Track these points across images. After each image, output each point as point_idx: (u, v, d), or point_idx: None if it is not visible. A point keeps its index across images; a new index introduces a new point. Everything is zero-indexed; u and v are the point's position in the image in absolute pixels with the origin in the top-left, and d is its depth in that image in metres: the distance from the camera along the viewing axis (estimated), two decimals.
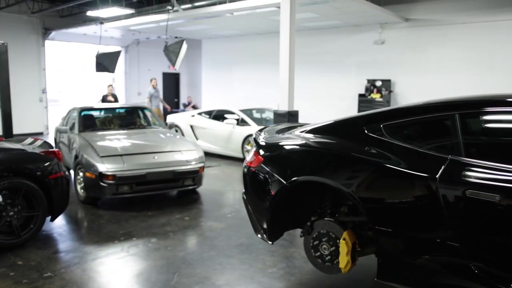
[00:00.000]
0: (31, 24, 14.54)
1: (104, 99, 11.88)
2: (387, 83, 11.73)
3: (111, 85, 12.40)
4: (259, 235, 3.56)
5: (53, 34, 14.93)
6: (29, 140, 5.56)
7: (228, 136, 9.46)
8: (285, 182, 3.25)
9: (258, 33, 14.19)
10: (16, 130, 10.31)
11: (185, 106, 15.82)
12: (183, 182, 6.06)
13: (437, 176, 2.57)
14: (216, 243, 4.61)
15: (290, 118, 7.62)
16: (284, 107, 7.75)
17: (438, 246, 2.61)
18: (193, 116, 10.51)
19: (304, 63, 12.51)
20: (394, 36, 11.65)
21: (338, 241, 3.15)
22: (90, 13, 12.43)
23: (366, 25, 11.94)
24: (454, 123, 2.71)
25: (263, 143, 3.65)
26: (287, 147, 3.46)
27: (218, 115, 10.06)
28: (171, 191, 6.48)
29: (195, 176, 6.15)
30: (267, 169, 3.45)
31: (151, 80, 12.49)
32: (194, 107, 15.54)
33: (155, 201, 6.23)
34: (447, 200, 2.54)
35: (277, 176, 3.33)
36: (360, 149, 2.96)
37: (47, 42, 15.15)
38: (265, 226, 3.47)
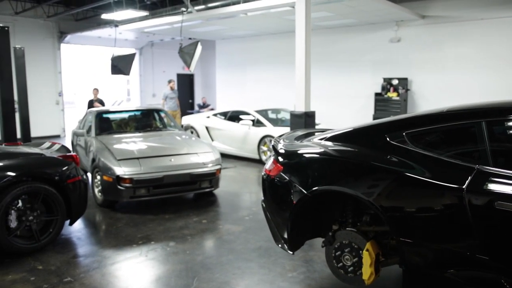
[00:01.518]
0: (46, 28, 14.71)
1: (90, 105, 11.09)
2: (404, 81, 11.56)
3: (96, 89, 11.67)
4: (279, 245, 3.50)
5: (69, 37, 15.08)
6: (47, 144, 5.59)
7: (244, 137, 9.42)
8: (305, 192, 3.18)
9: (272, 33, 14.13)
10: (33, 133, 10.41)
11: (200, 107, 15.84)
12: (200, 185, 6.04)
13: (464, 187, 2.48)
14: (234, 247, 4.57)
15: (307, 119, 7.55)
16: (300, 108, 7.68)
17: (466, 259, 2.52)
18: (208, 117, 10.51)
19: (319, 62, 12.40)
20: (410, 34, 11.48)
21: (361, 251, 3.07)
22: (104, 16, 12.51)
23: (381, 23, 11.80)
24: (481, 131, 2.61)
25: (282, 151, 3.59)
26: (306, 156, 3.40)
27: (234, 116, 10.03)
28: (187, 193, 6.47)
29: (212, 178, 6.12)
30: (287, 178, 3.39)
31: (169, 82, 12.47)
32: (210, 108, 15.53)
33: (172, 204, 6.23)
34: (475, 211, 2.45)
35: (298, 186, 3.26)
36: (381, 158, 2.89)
37: (62, 45, 15.32)
38: (285, 236, 3.40)
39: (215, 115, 10.51)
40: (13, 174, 4.24)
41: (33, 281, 3.79)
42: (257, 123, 9.41)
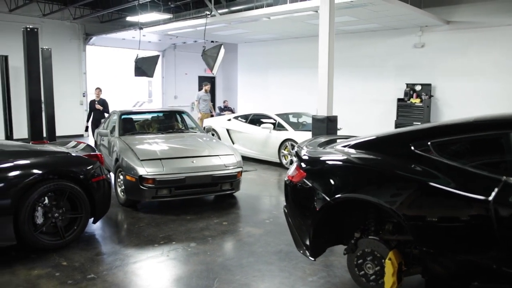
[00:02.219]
0: (73, 29, 15.03)
1: (92, 106, 10.63)
2: (427, 87, 11.43)
3: (98, 88, 10.88)
4: (300, 251, 3.51)
5: (94, 39, 15.37)
6: (73, 143, 5.71)
7: (265, 141, 9.44)
8: (328, 199, 3.18)
9: (294, 37, 14.14)
10: (58, 132, 10.67)
11: (221, 110, 15.94)
12: (221, 187, 6.08)
13: (490, 199, 2.45)
14: (255, 249, 4.58)
15: (328, 123, 7.52)
16: (322, 112, 7.66)
17: (491, 272, 2.48)
18: (229, 120, 10.56)
19: (342, 67, 12.36)
20: (434, 39, 11.35)
21: (383, 260, 3.05)
22: (129, 18, 12.73)
23: (405, 28, 11.69)
24: (509, 142, 2.57)
25: (305, 158, 3.60)
26: (329, 163, 3.40)
27: (255, 119, 10.06)
28: (208, 195, 6.51)
29: (233, 181, 6.15)
30: (310, 185, 3.39)
31: (205, 84, 12.53)
32: (230, 111, 15.61)
33: (193, 205, 6.27)
34: (501, 223, 2.41)
35: (320, 192, 3.27)
36: (405, 167, 2.87)
37: (87, 47, 15.61)
38: (307, 242, 3.41)
39: (236, 118, 10.56)
40: (40, 172, 4.34)
41: (58, 276, 3.87)
42: (278, 126, 9.41)
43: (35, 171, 4.32)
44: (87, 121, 10.81)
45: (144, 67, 10.33)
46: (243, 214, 6.02)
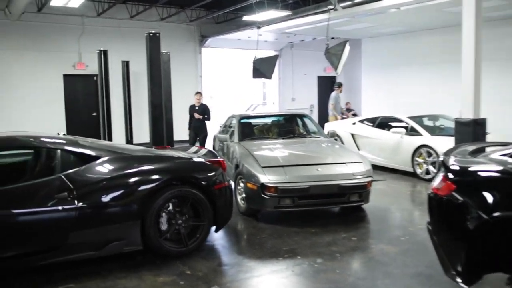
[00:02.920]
0: (189, 32, 16.07)
1: (191, 112, 10.57)
2: None
3: (199, 93, 10.80)
4: (449, 276, 3.28)
5: (209, 41, 16.26)
6: (194, 148, 6.07)
7: (395, 147, 9.11)
8: (486, 217, 2.92)
9: (427, 28, 13.46)
10: (175, 137, 11.45)
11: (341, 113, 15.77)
12: (348, 198, 5.97)
13: None
14: (390, 270, 4.40)
15: (475, 127, 6.98)
16: (468, 115, 7.14)
17: None
18: (354, 123, 10.41)
19: (489, 60, 11.42)
20: None
21: None
22: (246, 18, 13.21)
23: None
24: None
25: (454, 168, 3.37)
26: (486, 174, 3.15)
27: (383, 123, 9.77)
28: (334, 207, 6.46)
29: (362, 191, 6.01)
30: (461, 199, 3.15)
31: (339, 85, 12.60)
32: (354, 114, 15.36)
33: (318, 217, 6.26)
34: None
35: (475, 209, 3.02)
36: None
37: (203, 49, 16.55)
38: (459, 267, 3.17)
39: (361, 121, 10.36)
40: (165, 177, 4.68)
41: (183, 285, 4.12)
42: (410, 131, 9.02)
43: (160, 176, 4.66)
44: (189, 128, 10.81)
45: (262, 68, 10.63)
46: (374, 229, 5.86)
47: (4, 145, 4.63)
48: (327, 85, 18.95)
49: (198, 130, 10.44)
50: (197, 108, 10.53)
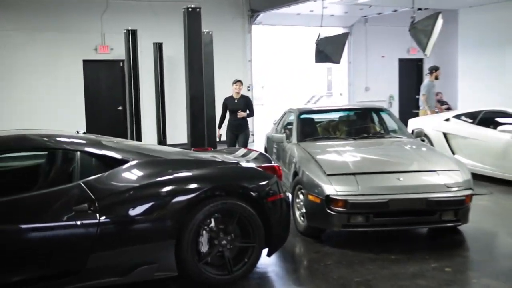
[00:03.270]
0: (236, 6, 16.21)
1: (228, 106, 10.00)
2: None
3: (239, 82, 10.16)
4: None
5: (261, 16, 16.34)
6: (242, 150, 6.11)
7: (504, 151, 8.84)
8: None
9: None
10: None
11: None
12: (440, 216, 5.81)
13: None
14: None
15: None
16: None
17: None
18: (447, 120, 10.22)
19: None
20: None
21: None
22: None
23: None
24: None
25: None
26: None
27: (487, 119, 9.52)
28: (421, 227, 6.34)
29: (459, 208, 5.83)
30: None
31: (433, 70, 12.22)
32: (448, 108, 15.00)
33: (399, 240, 6.19)
34: None
35: None
36: None
37: (253, 27, 16.64)
38: None
39: (457, 116, 10.16)
40: (206, 187, 4.71)
41: None
42: None
43: (201, 185, 4.70)
44: (219, 127, 10.24)
45: (328, 50, 10.58)
46: (475, 258, 5.73)
47: (13, 146, 4.72)
48: (411, 70, 18.61)
49: (238, 129, 9.95)
50: (236, 101, 10.05)
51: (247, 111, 9.97)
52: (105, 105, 14.67)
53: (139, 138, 12.76)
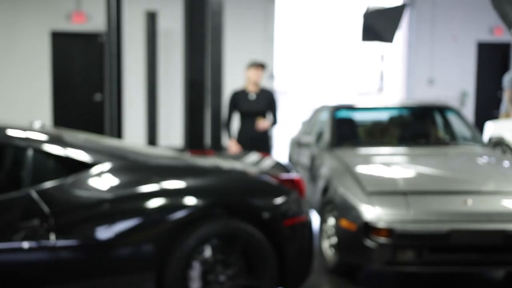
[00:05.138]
0: None
1: (236, 106, 8.32)
2: None
3: (260, 66, 8.35)
4: None
5: None
6: (253, 156, 6.05)
7: None
8: None
9: None
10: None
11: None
12: None
13: None
14: None
15: None
16: None
17: None
18: None
19: None
20: None
21: None
22: None
23: None
24: None
25: None
26: None
27: None
28: (496, 269, 6.28)
29: None
30: None
31: None
32: None
33: (465, 285, 6.15)
34: None
35: None
36: None
37: None
38: None
39: None
40: (201, 202, 4.66)
41: None
42: None
43: (194, 201, 4.66)
44: (229, 133, 8.58)
45: (378, 26, 10.50)
46: None
47: None
48: (494, 58, 18.38)
49: (253, 144, 7.91)
50: (252, 98, 8.32)
51: (270, 117, 8.22)
52: (79, 91, 14.74)
53: (119, 135, 12.67)
